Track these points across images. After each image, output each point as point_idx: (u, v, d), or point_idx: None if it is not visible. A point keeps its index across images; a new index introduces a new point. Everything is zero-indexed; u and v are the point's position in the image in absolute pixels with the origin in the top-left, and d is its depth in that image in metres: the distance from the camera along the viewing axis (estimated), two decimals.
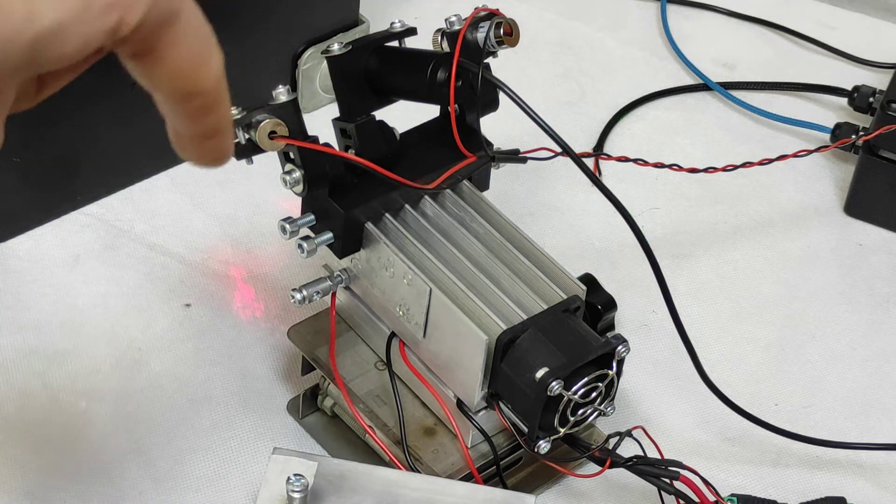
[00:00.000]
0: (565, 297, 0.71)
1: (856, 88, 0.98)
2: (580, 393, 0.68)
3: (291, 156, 0.69)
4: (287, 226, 0.71)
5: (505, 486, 0.74)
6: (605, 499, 0.76)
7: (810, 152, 0.88)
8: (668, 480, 0.70)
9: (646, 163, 0.83)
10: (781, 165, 0.89)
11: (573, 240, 0.92)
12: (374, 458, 0.74)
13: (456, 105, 0.73)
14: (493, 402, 0.70)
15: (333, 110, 0.72)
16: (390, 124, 0.73)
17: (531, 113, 0.68)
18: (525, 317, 0.69)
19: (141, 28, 0.47)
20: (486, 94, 0.73)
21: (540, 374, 0.66)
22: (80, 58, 0.47)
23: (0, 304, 0.84)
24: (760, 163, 0.86)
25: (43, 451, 0.76)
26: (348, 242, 0.72)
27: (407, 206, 0.73)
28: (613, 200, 0.70)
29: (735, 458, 0.79)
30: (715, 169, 0.86)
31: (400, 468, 0.71)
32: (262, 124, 0.65)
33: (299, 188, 0.69)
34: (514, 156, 0.77)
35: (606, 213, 0.88)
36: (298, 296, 0.73)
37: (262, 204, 0.91)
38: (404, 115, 0.74)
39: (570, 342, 0.68)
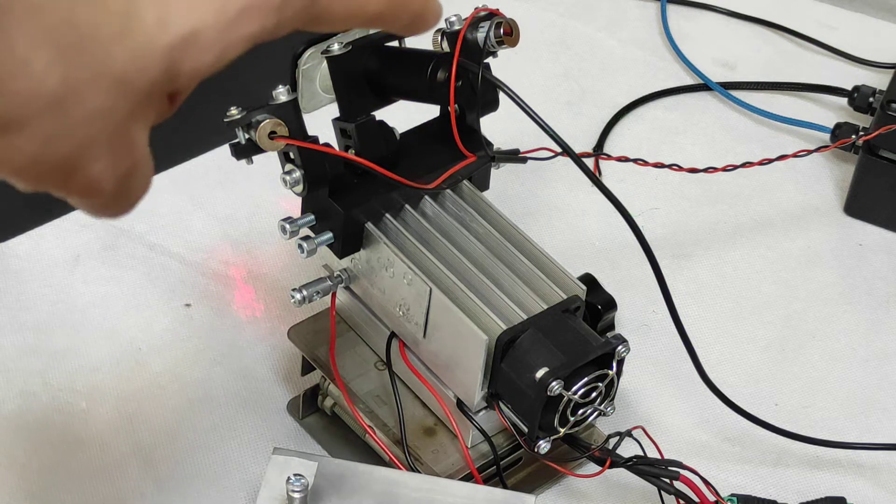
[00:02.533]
0: (565, 297, 0.71)
1: (856, 88, 0.98)
2: (580, 393, 0.68)
3: (291, 156, 0.69)
4: (287, 226, 0.71)
5: (505, 486, 0.74)
6: (605, 499, 0.76)
7: (810, 152, 0.88)
8: (668, 480, 0.70)
9: (646, 163, 0.83)
10: (781, 165, 0.89)
11: (573, 240, 0.92)
12: (374, 458, 0.74)
13: (456, 105, 0.73)
14: (493, 402, 0.70)
15: (333, 110, 0.72)
16: (390, 124, 0.73)
17: (531, 113, 0.68)
18: (525, 317, 0.69)
19: (285, 23, 0.46)
20: (486, 94, 0.73)
21: (540, 374, 0.66)
22: (221, 66, 0.45)
23: (0, 304, 0.84)
24: (760, 163, 0.86)
25: (43, 451, 0.76)
26: (348, 242, 0.72)
27: (407, 206, 0.73)
28: (613, 200, 0.70)
29: (735, 458, 0.79)
30: (715, 169, 0.86)
31: (400, 468, 0.71)
32: (262, 124, 0.65)
33: (299, 188, 0.69)
34: (514, 156, 0.77)
35: (606, 213, 0.88)
36: (298, 296, 0.73)
37: (262, 204, 0.91)
38: (404, 115, 0.74)
39: (570, 342, 0.68)
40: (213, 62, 0.45)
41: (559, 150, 0.70)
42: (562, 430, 0.69)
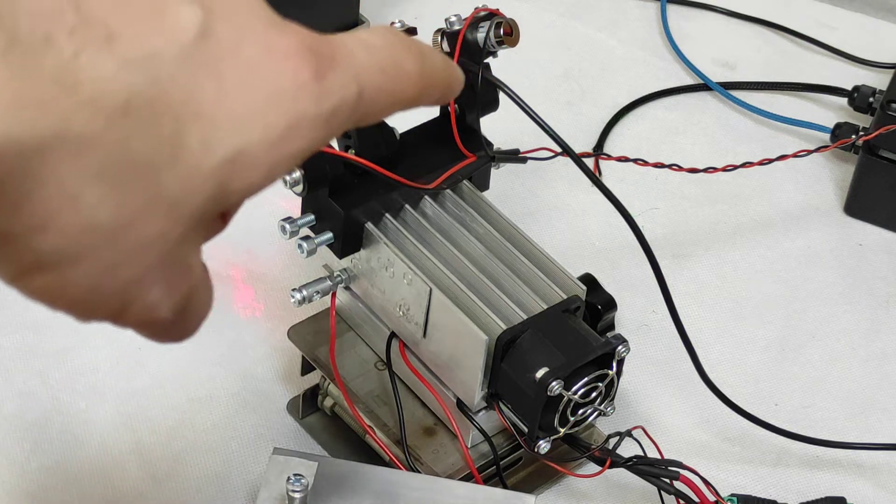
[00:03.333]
0: (565, 297, 0.71)
1: (856, 88, 0.98)
2: (580, 393, 0.68)
3: None
4: (287, 226, 0.71)
5: (505, 486, 0.74)
6: (605, 499, 0.76)
7: (810, 152, 0.88)
8: (668, 480, 0.70)
9: (646, 163, 0.83)
10: (781, 165, 0.89)
11: (573, 240, 0.91)
12: (374, 458, 0.74)
13: (456, 105, 0.73)
14: (493, 402, 0.70)
15: None
16: (390, 124, 0.73)
17: (531, 113, 0.68)
18: (525, 317, 0.69)
19: (334, 131, 0.45)
20: (486, 94, 0.73)
21: (540, 374, 0.66)
22: (272, 182, 0.44)
23: (0, 304, 0.84)
24: (760, 163, 0.86)
25: (43, 451, 0.76)
26: (348, 242, 0.72)
27: (407, 206, 0.73)
28: (613, 200, 0.70)
29: (735, 458, 0.79)
30: (715, 169, 0.86)
31: (400, 468, 0.71)
32: None
33: (299, 188, 0.69)
34: (514, 156, 0.77)
35: (606, 213, 0.88)
36: (298, 296, 0.73)
37: (262, 204, 0.90)
38: (404, 116, 0.74)
39: (570, 342, 0.68)
40: (262, 180, 0.44)
41: (559, 150, 0.70)
42: (562, 430, 0.69)
